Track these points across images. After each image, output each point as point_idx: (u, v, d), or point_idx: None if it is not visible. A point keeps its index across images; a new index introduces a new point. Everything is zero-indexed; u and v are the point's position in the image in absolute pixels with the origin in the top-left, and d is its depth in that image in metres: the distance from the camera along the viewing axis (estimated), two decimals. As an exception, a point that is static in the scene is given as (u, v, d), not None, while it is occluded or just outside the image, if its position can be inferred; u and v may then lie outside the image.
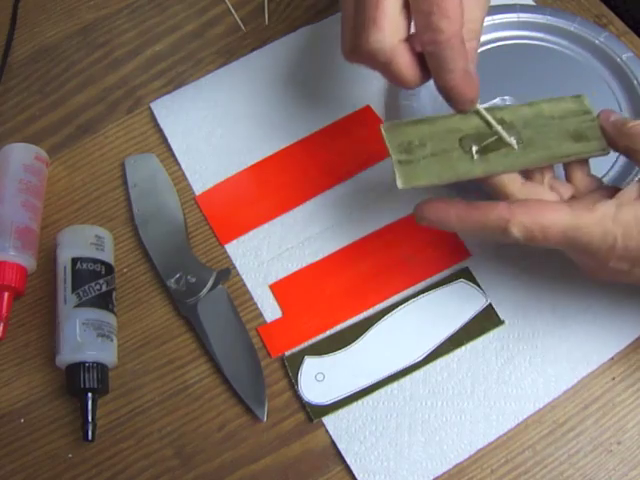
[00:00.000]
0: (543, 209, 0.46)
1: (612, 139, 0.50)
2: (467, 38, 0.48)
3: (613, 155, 0.52)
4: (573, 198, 0.49)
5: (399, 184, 0.48)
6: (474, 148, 0.49)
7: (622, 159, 0.58)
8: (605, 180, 0.57)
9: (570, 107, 0.52)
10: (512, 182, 0.49)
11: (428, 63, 0.48)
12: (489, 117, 0.50)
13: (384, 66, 0.49)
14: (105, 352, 0.54)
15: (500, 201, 0.47)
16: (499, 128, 0.50)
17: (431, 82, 0.49)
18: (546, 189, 0.50)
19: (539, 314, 0.55)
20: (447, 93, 0.49)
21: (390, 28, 0.47)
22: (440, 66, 0.47)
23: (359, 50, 0.48)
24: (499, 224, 0.46)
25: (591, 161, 0.51)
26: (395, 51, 0.48)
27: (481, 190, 0.51)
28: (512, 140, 0.50)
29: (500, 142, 0.50)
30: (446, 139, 0.50)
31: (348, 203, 0.60)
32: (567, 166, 0.51)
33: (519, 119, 0.51)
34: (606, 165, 0.57)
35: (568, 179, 0.51)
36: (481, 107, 0.50)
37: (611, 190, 0.49)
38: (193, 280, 0.57)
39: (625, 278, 0.48)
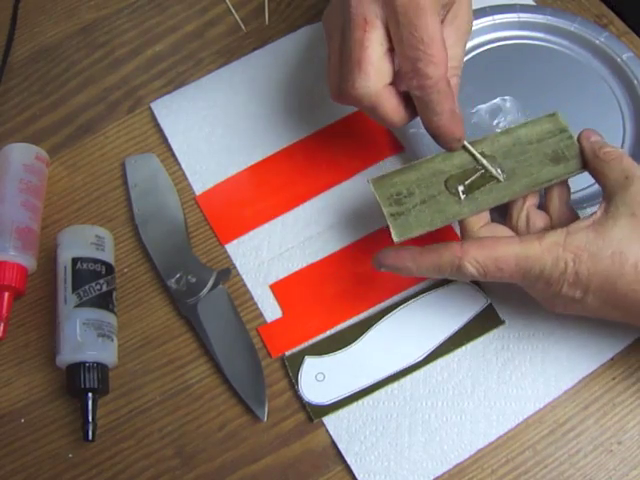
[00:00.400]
0: (494, 244, 0.48)
1: (586, 159, 0.51)
2: (449, 76, 0.49)
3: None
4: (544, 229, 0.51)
5: (394, 238, 0.50)
6: (460, 189, 0.51)
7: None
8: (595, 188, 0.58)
9: (546, 128, 0.53)
10: (475, 222, 0.51)
11: (416, 105, 0.50)
12: (475, 152, 0.52)
13: (370, 109, 0.50)
14: (105, 352, 0.54)
15: (451, 242, 0.49)
16: (484, 162, 0.51)
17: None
18: (506, 229, 0.51)
19: (539, 314, 0.55)
20: (434, 132, 0.51)
21: (375, 74, 0.49)
22: (427, 108, 0.49)
23: (345, 94, 0.50)
24: (453, 262, 0.48)
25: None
26: (380, 96, 0.49)
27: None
28: (498, 172, 0.51)
29: (484, 178, 0.51)
30: (432, 184, 0.51)
31: (348, 203, 0.60)
32: (547, 194, 0.52)
33: (499, 150, 0.52)
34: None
35: (546, 207, 0.52)
36: (467, 144, 0.52)
37: None
38: (193, 280, 0.57)
39: (580, 308, 0.49)
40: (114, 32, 0.69)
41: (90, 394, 0.53)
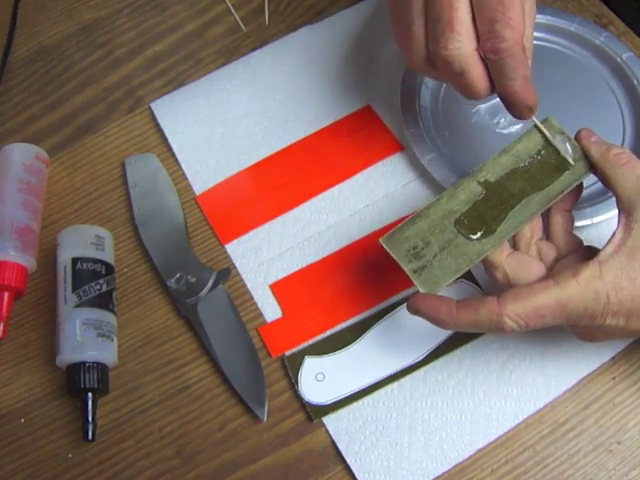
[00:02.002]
0: (531, 292, 0.46)
1: (594, 163, 0.49)
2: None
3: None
4: (556, 262, 0.49)
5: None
6: (477, 236, 0.49)
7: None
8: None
9: (542, 136, 0.51)
10: (498, 253, 0.49)
11: (491, 71, 0.49)
12: (543, 128, 0.50)
13: (458, 75, 0.49)
14: (105, 352, 0.54)
15: (486, 297, 0.47)
16: (554, 141, 0.49)
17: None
18: (531, 258, 0.49)
19: (539, 314, 0.55)
20: (507, 99, 0.49)
21: (466, 35, 0.48)
22: (502, 73, 0.48)
23: (434, 58, 0.49)
24: (491, 318, 0.46)
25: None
26: (470, 59, 0.48)
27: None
28: (567, 150, 0.49)
29: (496, 208, 0.49)
30: (446, 227, 0.49)
31: (348, 203, 0.60)
32: (550, 225, 0.51)
33: (502, 173, 0.50)
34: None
35: (550, 238, 0.51)
36: (536, 120, 0.50)
37: (589, 250, 0.49)
38: (193, 280, 0.57)
39: (621, 333, 0.48)
40: (114, 32, 0.69)
41: (90, 394, 0.53)
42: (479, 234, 0.49)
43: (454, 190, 0.50)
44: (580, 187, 0.51)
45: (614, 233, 0.47)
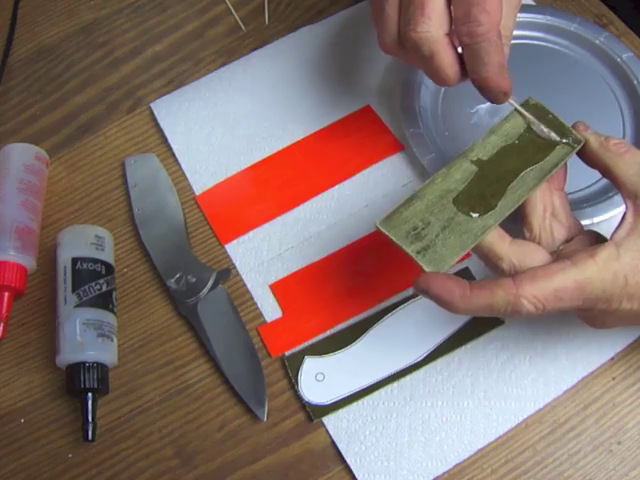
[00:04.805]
0: (549, 273, 0.44)
1: (592, 153, 0.49)
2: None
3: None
4: (565, 243, 0.48)
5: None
6: (477, 213, 0.48)
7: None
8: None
9: (527, 115, 0.51)
10: (500, 242, 0.47)
11: (464, 56, 0.48)
12: (522, 110, 0.50)
13: (426, 59, 0.49)
14: (105, 352, 0.54)
15: (502, 278, 0.45)
16: (532, 118, 0.50)
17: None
18: (534, 245, 0.48)
19: (539, 314, 0.55)
20: (481, 85, 0.49)
21: (437, 19, 0.48)
22: (477, 58, 0.48)
23: (404, 40, 0.49)
24: (508, 300, 0.44)
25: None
26: (440, 43, 0.48)
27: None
28: (544, 131, 0.49)
29: (493, 183, 0.48)
30: (445, 206, 0.48)
31: (348, 203, 0.60)
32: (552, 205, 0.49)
33: (493, 151, 0.50)
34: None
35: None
36: (513, 101, 0.50)
37: (593, 235, 0.48)
38: (193, 280, 0.57)
39: (632, 319, 0.47)
40: (114, 32, 0.69)
41: (90, 394, 0.53)
42: (480, 211, 0.48)
43: (447, 170, 0.49)
44: (565, 164, 0.50)
45: (623, 218, 0.46)
